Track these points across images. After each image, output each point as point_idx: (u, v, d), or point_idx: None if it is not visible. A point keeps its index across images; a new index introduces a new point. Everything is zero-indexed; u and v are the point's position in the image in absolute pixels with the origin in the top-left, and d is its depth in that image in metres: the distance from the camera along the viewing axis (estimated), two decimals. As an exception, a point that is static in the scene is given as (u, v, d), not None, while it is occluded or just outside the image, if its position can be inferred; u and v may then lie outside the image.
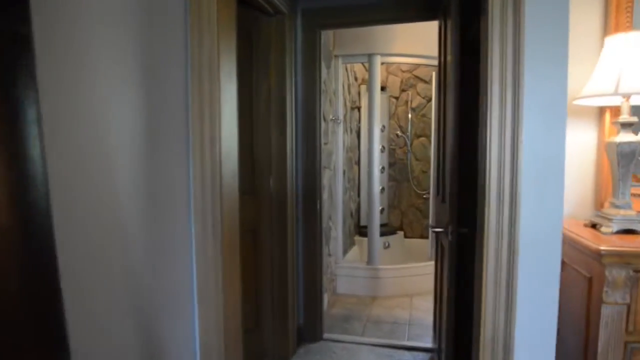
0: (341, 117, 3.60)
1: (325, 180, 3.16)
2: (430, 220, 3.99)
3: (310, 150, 2.62)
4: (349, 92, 4.18)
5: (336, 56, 3.55)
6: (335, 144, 3.56)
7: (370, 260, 3.60)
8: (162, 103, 1.29)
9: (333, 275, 3.56)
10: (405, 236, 4.89)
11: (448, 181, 1.80)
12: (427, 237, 4.84)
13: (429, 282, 3.64)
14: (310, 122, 2.62)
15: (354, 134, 4.50)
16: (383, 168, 4.68)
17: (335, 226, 3.59)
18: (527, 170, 1.37)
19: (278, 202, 2.37)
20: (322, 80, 3.05)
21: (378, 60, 3.50)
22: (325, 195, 3.15)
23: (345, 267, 3.64)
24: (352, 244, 4.39)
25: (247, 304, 2.08)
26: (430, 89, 4.77)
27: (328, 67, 3.32)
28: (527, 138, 1.36)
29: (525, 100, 1.34)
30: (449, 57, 1.82)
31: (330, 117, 3.35)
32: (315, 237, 2.68)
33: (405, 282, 3.58)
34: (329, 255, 3.43)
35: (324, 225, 3.11)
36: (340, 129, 3.62)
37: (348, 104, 4.11)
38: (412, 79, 4.85)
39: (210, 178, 1.37)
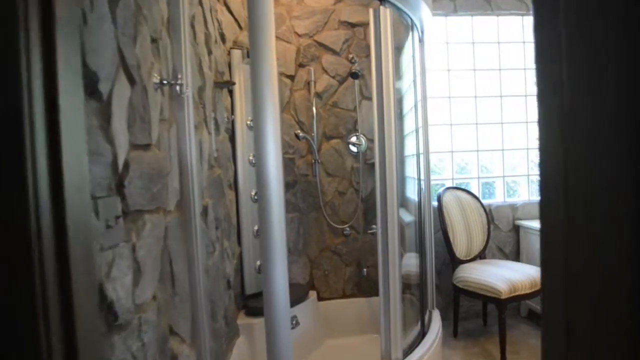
0: (188, 83, 1.56)
1: (142, 252, 1.09)
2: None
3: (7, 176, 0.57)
4: (210, 52, 2.17)
5: (170, -53, 1.52)
6: (175, 147, 1.51)
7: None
8: None
9: None
10: (320, 298, 3.04)
11: None
12: (351, 296, 3.08)
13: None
14: None
15: (224, 135, 2.49)
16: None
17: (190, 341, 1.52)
18: None
19: None
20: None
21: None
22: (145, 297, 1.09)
23: None
24: (236, 335, 2.35)
25: None
26: (343, 64, 3.05)
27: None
28: None
29: None
30: None
31: (156, 77, 1.30)
32: None
33: None
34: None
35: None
36: (189, 114, 1.58)
37: (209, 73, 2.10)
38: (314, 46, 3.07)
39: None
